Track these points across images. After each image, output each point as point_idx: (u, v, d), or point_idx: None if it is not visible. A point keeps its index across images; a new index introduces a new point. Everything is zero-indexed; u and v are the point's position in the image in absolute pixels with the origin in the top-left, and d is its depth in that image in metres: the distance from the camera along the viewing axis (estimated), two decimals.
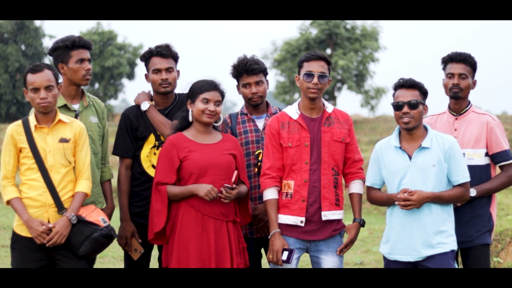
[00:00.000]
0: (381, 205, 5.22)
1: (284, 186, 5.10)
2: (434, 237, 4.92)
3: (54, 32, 50.41)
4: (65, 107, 5.38)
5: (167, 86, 5.50)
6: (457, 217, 5.23)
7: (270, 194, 5.09)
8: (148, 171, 5.52)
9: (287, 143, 5.08)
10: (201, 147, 5.07)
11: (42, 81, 4.93)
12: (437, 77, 5.55)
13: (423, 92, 5.03)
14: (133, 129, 5.55)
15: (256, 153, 5.47)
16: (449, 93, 5.42)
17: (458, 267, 5.56)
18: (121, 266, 9.36)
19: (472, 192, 5.22)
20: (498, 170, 5.44)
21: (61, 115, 5.07)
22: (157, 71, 5.50)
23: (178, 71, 5.65)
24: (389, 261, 5.09)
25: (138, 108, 5.60)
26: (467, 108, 5.43)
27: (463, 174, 4.99)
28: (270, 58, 40.42)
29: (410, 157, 5.01)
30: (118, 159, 5.67)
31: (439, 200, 4.93)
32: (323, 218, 5.06)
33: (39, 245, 4.91)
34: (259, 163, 5.38)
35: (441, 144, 4.99)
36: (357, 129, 32.16)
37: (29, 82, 4.96)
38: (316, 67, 5.08)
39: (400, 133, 5.11)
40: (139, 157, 5.56)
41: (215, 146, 5.10)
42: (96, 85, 46.13)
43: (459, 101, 5.41)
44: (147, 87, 5.73)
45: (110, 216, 5.56)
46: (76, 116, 5.39)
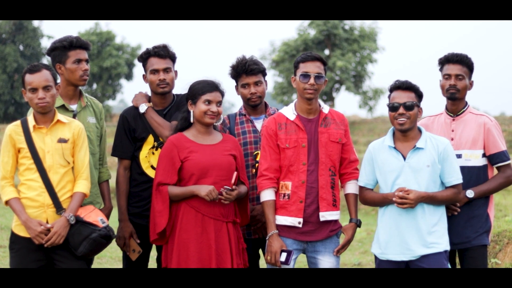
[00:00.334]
0: (374, 205, 5.23)
1: (282, 187, 5.10)
2: (428, 237, 4.95)
3: (52, 33, 50.32)
4: (63, 108, 5.38)
5: (165, 87, 5.50)
6: (455, 218, 5.25)
7: (268, 195, 5.09)
8: (147, 172, 5.53)
9: (285, 144, 5.09)
10: (202, 148, 5.07)
11: (40, 81, 4.94)
12: (436, 79, 5.55)
13: (419, 95, 5.06)
14: (131, 130, 5.55)
15: (254, 154, 5.47)
16: (446, 94, 5.42)
17: (456, 267, 5.59)
18: (119, 267, 9.37)
19: (470, 194, 5.22)
20: (496, 171, 5.44)
21: (60, 115, 5.08)
22: (155, 72, 5.50)
23: (176, 72, 5.65)
24: (381, 261, 5.11)
25: (136, 109, 5.60)
26: (464, 109, 5.44)
27: (456, 176, 5.02)
28: (269, 59, 40.42)
29: (404, 158, 5.03)
30: (117, 160, 5.67)
31: (433, 200, 4.96)
32: (321, 219, 5.06)
33: (38, 245, 4.91)
34: (257, 164, 5.38)
35: (435, 146, 5.02)
36: (355, 130, 32.16)
37: (27, 82, 4.96)
38: (313, 68, 5.09)
39: (394, 134, 5.14)
40: (138, 158, 5.56)
41: (216, 147, 5.11)
42: (94, 86, 46.11)
43: (456, 102, 5.42)
44: (145, 88, 5.73)
45: (108, 217, 5.56)
46: (74, 117, 5.39)
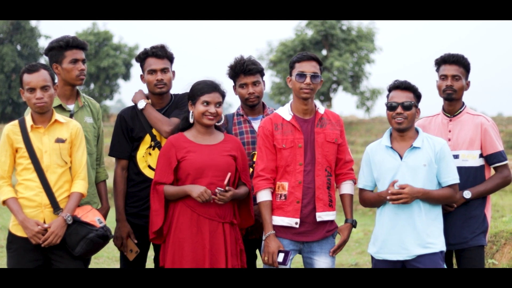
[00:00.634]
0: (373, 206, 5.23)
1: (278, 188, 5.10)
2: (425, 236, 4.95)
3: (50, 33, 50.36)
4: (60, 107, 5.39)
5: (163, 87, 5.51)
6: (452, 219, 5.25)
7: (264, 196, 5.09)
8: (144, 172, 5.53)
9: (281, 145, 5.09)
10: (200, 148, 5.08)
11: (38, 81, 4.94)
12: (433, 80, 5.56)
13: (417, 95, 5.08)
14: (129, 130, 5.55)
15: (252, 154, 5.47)
16: (443, 95, 5.43)
17: (453, 268, 5.60)
18: (116, 267, 9.37)
19: (467, 194, 5.23)
20: (493, 172, 5.45)
21: (58, 115, 5.08)
22: (152, 72, 5.50)
23: (174, 72, 5.65)
24: (377, 261, 5.11)
25: (134, 109, 5.60)
26: (461, 110, 5.44)
27: (453, 176, 5.03)
28: (266, 59, 40.42)
29: (401, 157, 5.04)
30: (114, 160, 5.67)
31: (429, 198, 4.95)
32: (318, 219, 5.07)
33: (35, 245, 4.91)
34: (254, 165, 5.38)
35: (432, 145, 5.03)
36: (353, 130, 32.18)
37: (25, 82, 4.96)
38: (308, 68, 5.09)
39: (392, 135, 5.15)
40: (135, 158, 5.56)
41: (215, 147, 5.11)
42: (92, 86, 46.06)
43: (453, 103, 5.43)
44: (143, 88, 5.73)
45: (105, 217, 5.56)
46: (71, 117, 5.39)
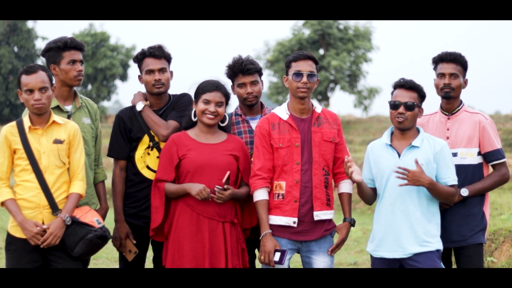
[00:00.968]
0: (363, 198, 5.20)
1: (276, 187, 5.11)
2: (421, 235, 4.96)
3: (47, 34, 50.21)
4: (58, 108, 5.38)
5: (161, 87, 5.51)
6: (451, 217, 5.26)
7: (261, 195, 5.09)
8: (143, 172, 5.52)
9: (278, 144, 5.09)
10: (201, 146, 5.10)
11: (37, 83, 4.94)
12: (429, 78, 5.57)
13: (421, 95, 5.07)
14: (127, 131, 5.55)
15: (250, 154, 5.47)
16: (441, 93, 5.43)
17: (451, 266, 5.60)
18: (115, 267, 9.36)
19: (464, 192, 5.24)
20: (491, 169, 5.45)
21: (55, 116, 5.08)
22: (150, 72, 5.50)
23: (171, 72, 5.65)
24: (375, 259, 5.14)
25: (132, 110, 5.60)
26: (459, 108, 5.45)
27: (452, 177, 5.04)
28: (263, 59, 40.35)
29: (399, 155, 5.04)
30: (113, 161, 5.67)
31: (434, 189, 4.93)
32: (315, 218, 5.07)
33: (34, 246, 4.91)
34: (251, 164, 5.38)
35: (432, 145, 5.04)
36: (350, 130, 32.17)
37: (23, 83, 4.96)
38: (305, 67, 5.10)
39: (393, 133, 5.16)
40: (134, 158, 5.56)
41: (216, 146, 5.13)
42: (89, 87, 45.99)
43: (451, 101, 5.43)
44: (140, 89, 5.73)
45: (104, 217, 5.56)
46: (69, 117, 5.39)
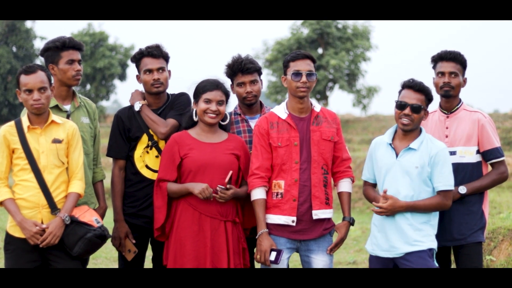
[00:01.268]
0: (370, 201, 5.30)
1: (275, 186, 5.11)
2: (411, 235, 4.96)
3: (45, 34, 50.15)
4: (57, 108, 5.38)
5: (159, 86, 5.51)
6: (450, 215, 5.26)
7: (258, 194, 5.09)
8: (142, 172, 5.52)
9: (277, 143, 5.09)
10: (203, 146, 5.11)
11: (36, 83, 4.93)
12: (428, 76, 5.57)
13: (429, 98, 5.06)
14: (126, 130, 5.55)
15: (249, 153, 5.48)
16: (440, 92, 5.43)
17: (450, 265, 5.60)
18: (115, 267, 9.36)
19: (462, 189, 5.24)
20: (490, 168, 5.45)
21: (54, 116, 5.08)
22: (149, 72, 5.50)
23: (169, 71, 5.65)
24: (372, 257, 5.18)
25: (130, 109, 5.60)
26: (458, 106, 5.44)
27: (444, 182, 5.00)
28: (262, 58, 40.36)
29: (397, 155, 5.05)
30: (112, 161, 5.67)
31: (414, 210, 4.97)
32: (314, 217, 5.07)
33: (33, 246, 4.91)
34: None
35: (429, 149, 5.02)
36: (349, 129, 32.16)
37: (23, 84, 4.95)
38: (304, 66, 5.10)
39: (396, 131, 5.16)
40: (133, 158, 5.56)
41: (218, 146, 5.14)
42: (88, 86, 46.00)
43: (450, 100, 5.43)
44: (139, 88, 5.73)
45: (103, 216, 5.57)
46: (68, 117, 5.39)
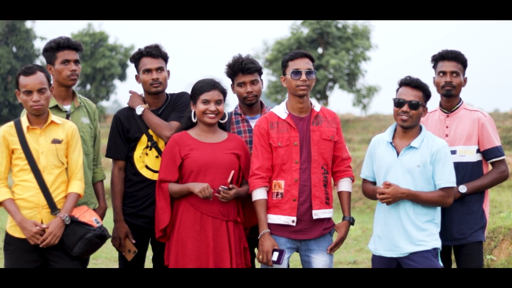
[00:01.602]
0: (372, 199, 5.27)
1: (275, 186, 5.11)
2: (415, 234, 4.95)
3: (45, 34, 50.15)
4: (56, 108, 5.39)
5: (158, 86, 5.50)
6: (450, 215, 5.25)
7: (260, 194, 5.09)
8: (142, 172, 5.52)
9: (277, 143, 5.09)
10: (203, 146, 5.10)
11: (35, 84, 4.93)
12: (428, 75, 5.56)
13: (427, 95, 5.06)
14: (125, 131, 5.55)
15: (250, 153, 5.47)
16: (442, 91, 5.42)
17: (451, 264, 5.60)
18: (115, 267, 9.36)
19: (462, 189, 5.23)
20: (490, 167, 5.45)
21: (54, 116, 5.08)
22: (148, 71, 5.50)
23: (168, 71, 5.65)
24: (375, 256, 5.15)
25: (130, 110, 5.60)
26: (458, 105, 5.44)
27: (446, 179, 4.99)
28: (262, 58, 40.34)
29: (398, 154, 5.04)
30: (111, 161, 5.67)
31: (415, 199, 4.95)
32: (314, 217, 5.07)
33: (32, 246, 4.91)
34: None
35: (430, 146, 5.02)
36: (349, 128, 32.14)
37: (22, 85, 4.95)
38: (303, 64, 5.11)
39: (396, 130, 5.15)
40: (132, 158, 5.56)
41: (218, 145, 5.14)
42: (88, 87, 46.01)
43: (451, 99, 5.43)
44: (139, 88, 5.73)
45: (103, 216, 5.57)
46: (67, 117, 5.39)
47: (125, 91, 5.89)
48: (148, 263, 5.75)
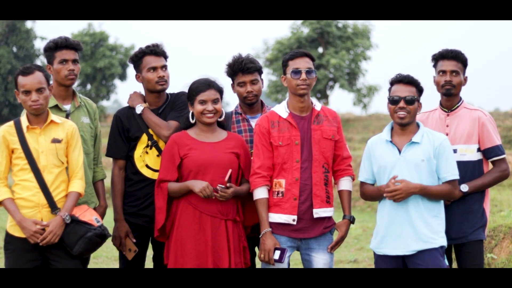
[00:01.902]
0: (373, 200, 5.24)
1: (275, 185, 5.11)
2: (423, 231, 4.94)
3: (46, 34, 50.20)
4: (56, 108, 5.39)
5: (164, 84, 5.51)
6: (451, 213, 5.25)
7: (261, 193, 5.09)
8: (142, 171, 5.52)
9: (278, 142, 5.09)
10: (202, 145, 5.10)
11: (33, 84, 4.93)
12: (428, 74, 5.57)
13: (419, 89, 5.07)
14: (125, 130, 5.55)
15: (250, 153, 5.47)
16: (442, 90, 5.42)
17: (451, 266, 5.60)
18: (115, 266, 9.37)
19: (464, 188, 5.23)
20: (491, 166, 5.45)
21: (53, 116, 5.08)
22: (153, 69, 5.49)
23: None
24: (379, 256, 5.12)
25: (130, 109, 5.59)
26: (459, 104, 5.44)
27: (452, 171, 5.01)
28: (262, 58, 40.37)
29: (400, 151, 5.04)
30: (112, 161, 5.67)
31: (426, 193, 4.94)
32: (315, 216, 5.07)
33: (33, 246, 4.91)
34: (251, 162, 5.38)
35: (432, 141, 5.02)
36: (350, 127, 32.16)
37: (21, 85, 4.96)
38: (303, 64, 5.11)
39: (393, 128, 5.15)
40: (133, 158, 5.55)
41: (217, 145, 5.14)
42: (88, 86, 46.05)
43: (451, 98, 5.42)
44: (139, 88, 5.72)
45: (103, 215, 5.58)
46: (67, 117, 5.40)
47: (126, 91, 5.91)
48: (149, 262, 5.75)
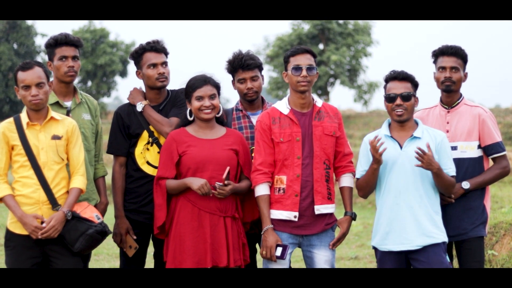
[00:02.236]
0: (368, 186, 5.11)
1: (277, 182, 5.11)
2: (428, 227, 4.95)
3: (46, 31, 50.35)
4: (57, 104, 5.40)
5: (164, 80, 5.51)
6: (451, 210, 5.25)
7: (262, 190, 5.09)
8: (143, 168, 5.52)
9: (279, 138, 5.09)
10: (201, 142, 5.10)
11: (33, 78, 4.94)
12: (428, 70, 5.56)
13: (415, 85, 5.08)
14: (126, 127, 5.55)
15: (251, 149, 5.47)
16: (442, 87, 5.41)
17: (452, 264, 5.60)
18: (116, 263, 9.39)
19: (466, 185, 5.23)
20: (491, 163, 5.44)
21: (53, 113, 5.08)
22: (153, 66, 5.49)
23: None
24: (382, 253, 5.09)
25: (130, 106, 5.60)
26: (459, 101, 5.43)
27: (452, 167, 5.05)
28: (263, 54, 40.36)
29: (401, 146, 5.03)
30: (113, 157, 5.67)
31: (440, 175, 4.93)
32: (316, 212, 5.07)
33: (33, 242, 4.92)
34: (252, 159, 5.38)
35: (433, 137, 5.04)
36: (351, 124, 32.17)
37: (20, 80, 4.97)
38: (304, 60, 5.10)
39: (390, 125, 5.14)
40: (133, 154, 5.56)
41: (216, 141, 5.13)
42: (89, 83, 46.03)
43: (451, 94, 5.42)
44: (140, 84, 5.72)
45: (104, 212, 5.58)
46: (68, 113, 5.40)
47: (126, 88, 5.89)
48: (149, 259, 5.75)
